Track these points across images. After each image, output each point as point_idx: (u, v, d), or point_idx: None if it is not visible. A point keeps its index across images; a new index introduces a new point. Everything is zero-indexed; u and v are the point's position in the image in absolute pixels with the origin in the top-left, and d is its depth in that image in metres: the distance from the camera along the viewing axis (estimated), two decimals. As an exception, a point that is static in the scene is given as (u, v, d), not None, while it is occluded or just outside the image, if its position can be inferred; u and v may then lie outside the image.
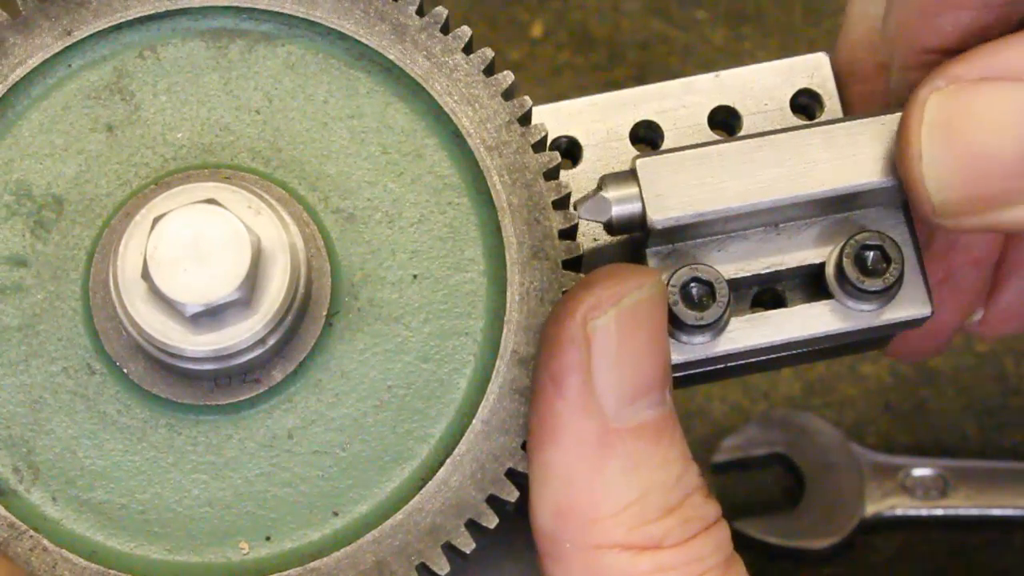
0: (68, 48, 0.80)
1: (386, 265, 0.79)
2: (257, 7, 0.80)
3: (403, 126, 0.80)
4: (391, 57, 0.80)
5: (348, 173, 0.80)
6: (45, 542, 0.76)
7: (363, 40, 0.80)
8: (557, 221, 0.79)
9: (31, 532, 0.76)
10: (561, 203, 0.79)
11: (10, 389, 0.77)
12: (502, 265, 0.78)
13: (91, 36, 0.80)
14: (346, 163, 0.80)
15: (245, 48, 0.81)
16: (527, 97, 0.80)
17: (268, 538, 0.76)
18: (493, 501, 0.76)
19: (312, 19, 0.80)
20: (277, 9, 0.80)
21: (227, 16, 0.81)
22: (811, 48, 0.87)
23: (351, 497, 0.77)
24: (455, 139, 0.80)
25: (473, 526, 0.76)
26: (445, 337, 0.78)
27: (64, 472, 0.77)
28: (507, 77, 0.80)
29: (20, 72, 0.80)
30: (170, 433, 0.77)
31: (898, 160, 0.78)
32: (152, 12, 0.80)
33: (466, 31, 0.81)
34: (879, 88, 0.91)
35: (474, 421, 0.76)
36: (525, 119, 0.80)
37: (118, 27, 0.80)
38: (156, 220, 0.73)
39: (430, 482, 0.76)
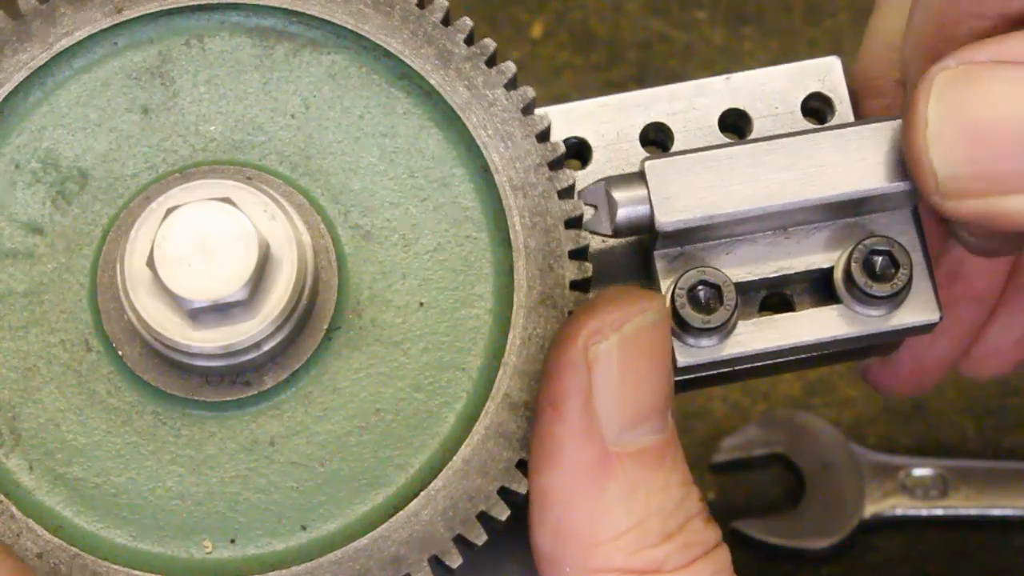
0: (116, 26, 0.80)
1: (395, 288, 0.78)
2: (308, 12, 0.80)
3: (434, 152, 0.80)
4: (432, 82, 0.80)
5: (372, 191, 0.79)
6: (13, 509, 0.76)
7: (407, 61, 0.80)
8: (571, 271, 0.78)
9: (1, 497, 0.76)
10: (578, 254, 0.79)
11: (6, 353, 0.78)
12: (509, 307, 0.78)
13: (141, 17, 0.80)
14: (372, 180, 0.80)
15: (290, 51, 0.81)
16: (561, 142, 0.80)
17: (233, 541, 0.76)
18: (460, 541, 0.75)
19: (360, 32, 0.80)
20: (327, 18, 0.80)
21: (277, 17, 0.81)
22: (811, 48, 0.87)
23: (321, 513, 0.76)
24: (483, 173, 0.79)
25: (436, 563, 0.75)
26: (441, 369, 0.78)
27: (45, 443, 0.77)
28: (544, 119, 0.79)
29: (66, 42, 0.80)
30: (155, 421, 0.77)
31: (903, 133, 0.78)
32: (204, 2, 0.80)
33: (510, 67, 0.80)
34: (897, 104, 0.90)
35: (455, 458, 0.76)
36: (556, 164, 0.79)
37: (169, 12, 0.80)
38: (169, 211, 0.73)
39: (401, 512, 0.76)
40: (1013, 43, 0.75)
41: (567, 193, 0.79)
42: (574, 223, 0.79)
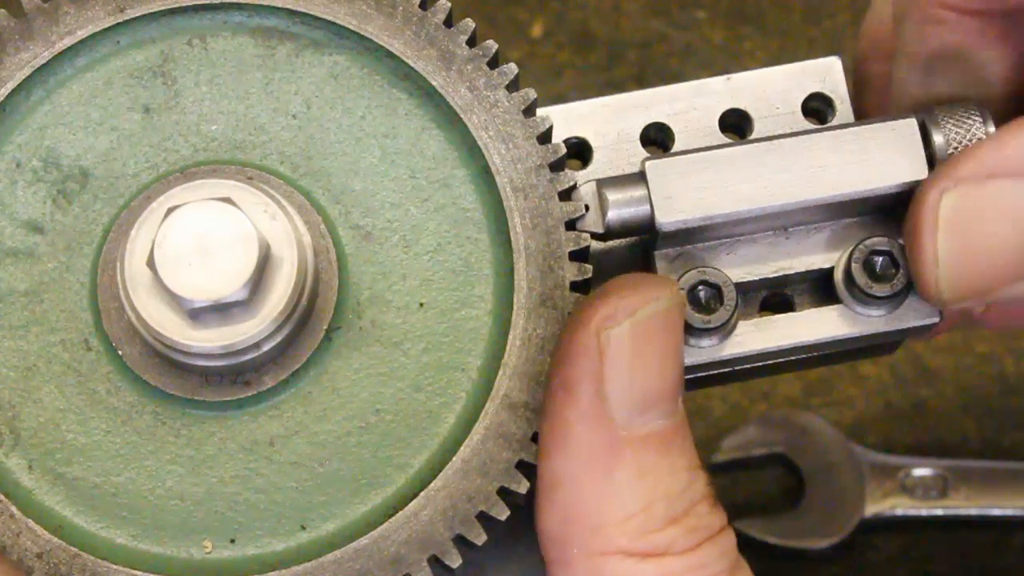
0: (119, 25, 0.80)
1: (395, 288, 0.78)
2: (311, 13, 0.80)
3: (435, 153, 0.80)
4: (434, 83, 0.80)
5: (373, 191, 0.79)
6: (13, 509, 0.76)
7: (409, 62, 0.80)
8: (571, 272, 0.78)
9: (0, 497, 0.76)
10: (578, 255, 0.79)
11: (6, 352, 0.78)
12: (509, 308, 0.78)
13: (143, 16, 0.80)
14: (373, 181, 0.80)
15: (292, 52, 0.81)
16: (562, 143, 0.80)
17: (233, 541, 0.76)
18: (460, 541, 0.75)
19: (363, 33, 0.80)
20: (330, 18, 0.80)
21: (280, 17, 0.81)
22: (811, 48, 0.87)
23: (321, 514, 0.76)
24: (484, 174, 0.79)
25: (436, 562, 0.75)
26: (441, 370, 0.78)
27: (44, 442, 0.77)
28: (545, 121, 0.79)
29: (68, 41, 0.80)
30: (154, 421, 0.77)
31: (911, 260, 0.79)
32: (207, 2, 0.80)
33: (512, 68, 0.80)
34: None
35: (454, 459, 0.76)
36: (557, 166, 0.79)
37: (171, 11, 0.80)
38: (170, 211, 0.73)
39: (400, 512, 0.76)
40: (1007, 150, 0.76)
41: (568, 195, 0.79)
42: (575, 225, 0.79)
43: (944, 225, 0.77)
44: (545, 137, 0.79)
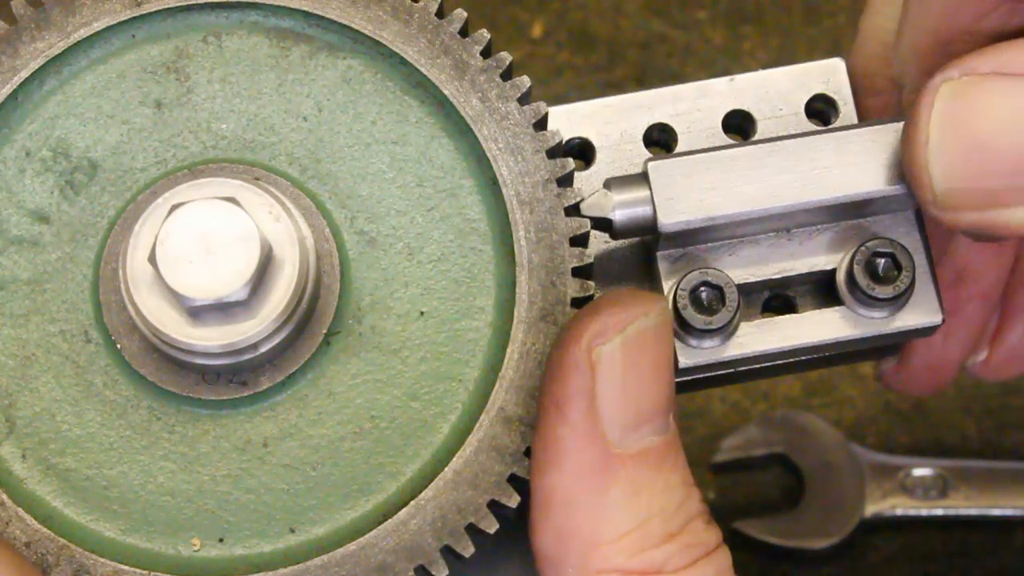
0: (135, 18, 0.80)
1: (396, 296, 0.78)
2: (327, 16, 0.80)
3: (443, 162, 0.80)
4: (446, 92, 0.80)
5: (380, 198, 0.79)
6: (4, 497, 0.76)
7: (423, 70, 0.80)
8: (573, 289, 0.78)
9: (-9, 484, 0.76)
10: (581, 271, 0.78)
11: (6, 340, 0.78)
12: (509, 321, 0.78)
13: (160, 11, 0.80)
14: (380, 187, 0.79)
15: (307, 54, 0.81)
16: (570, 159, 0.79)
17: (221, 540, 0.76)
18: (447, 552, 0.75)
19: (378, 39, 0.80)
20: (346, 22, 0.80)
21: (296, 18, 0.81)
22: (811, 48, 0.87)
23: (310, 517, 0.76)
24: (491, 186, 0.79)
25: (422, 572, 0.75)
26: (438, 380, 0.78)
27: (39, 432, 0.77)
28: (555, 136, 0.79)
29: (84, 32, 0.80)
30: (150, 416, 0.77)
31: (903, 145, 0.78)
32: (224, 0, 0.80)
33: (525, 81, 0.80)
34: (894, 101, 0.91)
35: (446, 469, 0.76)
36: (565, 180, 0.79)
37: (188, 8, 0.81)
38: (174, 207, 0.73)
39: (390, 520, 0.75)
40: (1015, 53, 0.75)
41: (574, 210, 0.79)
42: (580, 240, 0.79)
43: (940, 108, 0.75)
44: (554, 151, 0.79)
